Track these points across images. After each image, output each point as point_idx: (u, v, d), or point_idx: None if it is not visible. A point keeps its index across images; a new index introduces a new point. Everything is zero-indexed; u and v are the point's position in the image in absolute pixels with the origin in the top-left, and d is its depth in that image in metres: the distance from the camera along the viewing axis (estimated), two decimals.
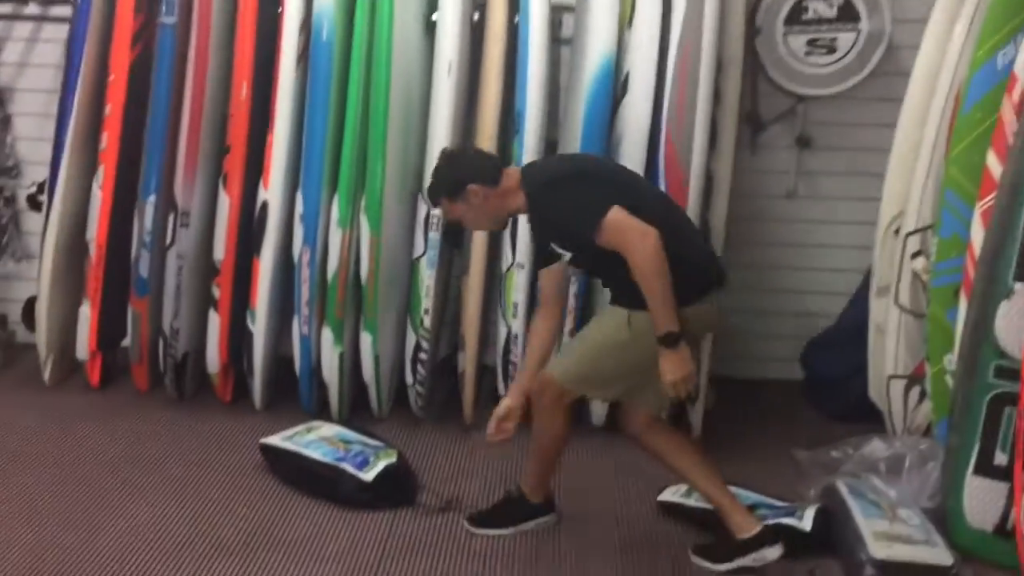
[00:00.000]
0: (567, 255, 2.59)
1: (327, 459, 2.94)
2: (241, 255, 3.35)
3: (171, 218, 3.38)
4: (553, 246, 2.59)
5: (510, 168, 2.70)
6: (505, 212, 2.65)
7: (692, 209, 3.11)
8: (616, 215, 2.40)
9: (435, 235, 3.27)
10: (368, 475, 2.87)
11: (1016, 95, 2.65)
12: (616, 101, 3.21)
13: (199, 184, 3.39)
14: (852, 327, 3.68)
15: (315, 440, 3.04)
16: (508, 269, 3.27)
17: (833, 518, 2.71)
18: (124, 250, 3.48)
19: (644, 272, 2.37)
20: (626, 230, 2.39)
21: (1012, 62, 2.71)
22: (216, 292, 3.38)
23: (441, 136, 3.24)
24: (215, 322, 3.40)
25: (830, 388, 3.69)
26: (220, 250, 3.35)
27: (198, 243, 3.43)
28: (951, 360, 2.92)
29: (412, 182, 3.39)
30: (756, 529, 2.58)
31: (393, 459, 2.92)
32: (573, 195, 2.50)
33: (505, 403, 2.75)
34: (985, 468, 2.61)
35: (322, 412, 3.48)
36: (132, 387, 3.65)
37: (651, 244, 2.36)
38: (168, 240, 3.39)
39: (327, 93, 3.22)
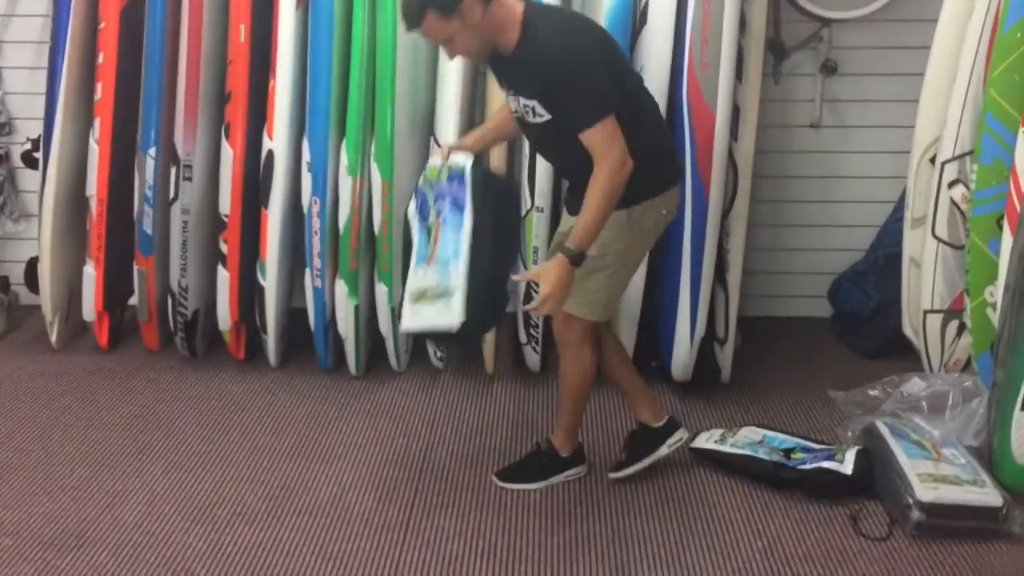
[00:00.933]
0: (522, 102, 2.36)
1: None
2: (248, 208, 3.22)
3: (173, 171, 3.24)
4: (526, 100, 2.35)
5: None
6: (493, 43, 2.34)
7: (719, 144, 2.96)
8: (611, 126, 2.29)
9: None
10: None
11: None
12: (635, 33, 3.05)
13: (200, 135, 3.25)
14: (882, 260, 3.58)
15: None
16: (527, 213, 3.14)
17: (875, 460, 2.62)
18: (126, 206, 3.36)
19: (603, 192, 2.30)
20: (613, 148, 2.29)
21: None
22: (224, 247, 3.26)
23: (452, 76, 3.10)
24: (224, 278, 3.28)
25: (860, 325, 3.59)
26: (226, 203, 3.22)
27: (203, 196, 3.29)
28: (992, 292, 2.82)
29: (423, 125, 3.25)
30: (665, 418, 2.71)
31: None
32: (585, 73, 2.29)
33: (455, 142, 2.72)
34: None
35: (339, 366, 3.40)
36: (142, 347, 3.56)
37: (625, 173, 2.30)
38: (171, 194, 3.26)
39: (330, 33, 3.06)
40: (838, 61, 3.59)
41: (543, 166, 3.08)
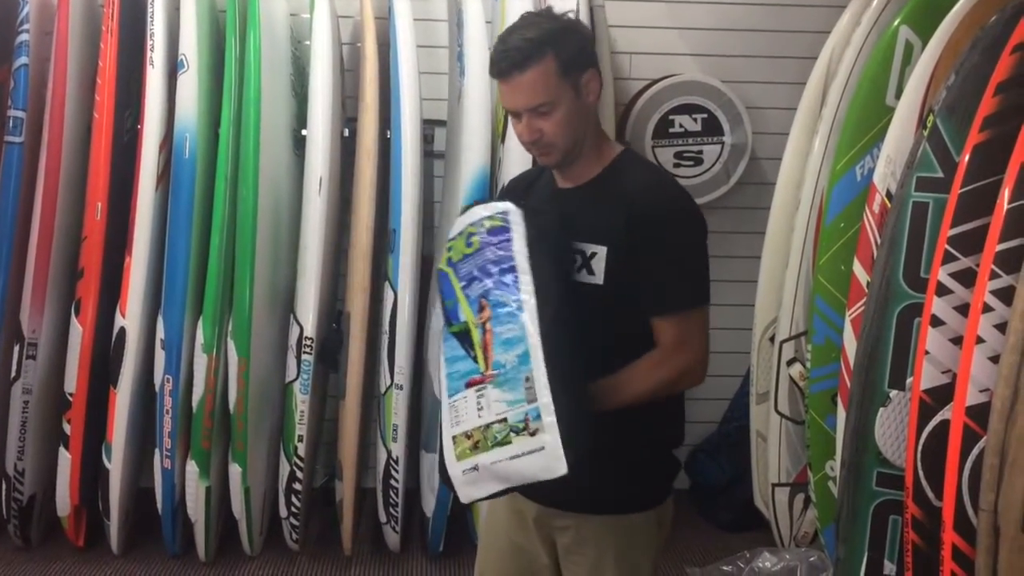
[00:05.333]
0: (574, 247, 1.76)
1: None
2: (95, 386, 3.10)
3: (16, 349, 3.11)
4: (586, 246, 1.77)
5: None
6: (578, 148, 1.80)
7: None
8: (704, 318, 1.82)
9: (309, 358, 3.12)
10: None
11: (876, 206, 2.75)
12: None
13: (48, 312, 3.14)
14: (734, 433, 3.70)
15: None
16: (386, 390, 3.14)
17: None
18: None
19: (661, 382, 1.78)
20: (701, 344, 1.80)
21: (870, 174, 2.82)
22: (67, 427, 3.11)
23: (313, 254, 3.13)
24: (66, 460, 3.12)
25: (717, 496, 3.67)
26: (71, 382, 3.09)
27: (47, 375, 3.16)
28: (832, 466, 2.94)
29: (283, 303, 3.25)
30: None
31: None
32: (697, 244, 1.83)
33: None
34: None
35: (188, 551, 3.23)
36: None
37: (692, 383, 1.82)
38: (13, 373, 3.12)
39: (190, 212, 3.07)
40: None
41: (404, 339, 3.10)
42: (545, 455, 1.61)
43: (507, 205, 1.77)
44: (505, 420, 1.64)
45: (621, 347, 1.79)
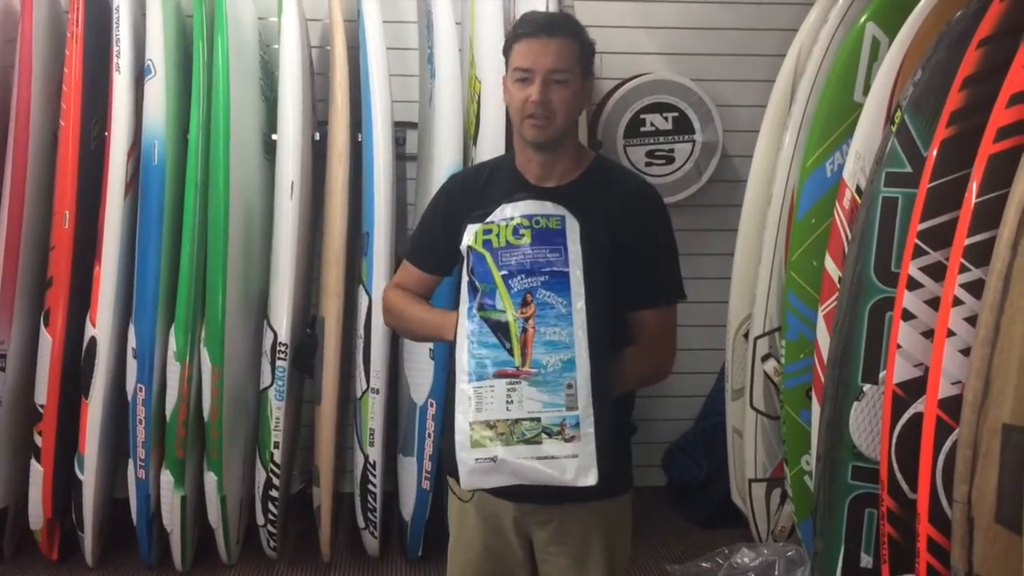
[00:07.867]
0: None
1: None
2: (67, 397, 3.06)
3: None
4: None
5: None
6: (569, 133, 1.91)
7: None
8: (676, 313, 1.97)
9: (283, 364, 3.09)
10: None
11: (846, 202, 2.77)
12: None
13: (17, 322, 3.10)
14: (710, 430, 3.72)
15: None
16: (362, 395, 3.12)
17: None
18: None
19: (645, 379, 1.98)
20: (675, 342, 1.98)
21: (840, 170, 2.84)
22: (38, 439, 3.07)
23: (286, 259, 3.11)
24: (38, 472, 3.07)
25: (694, 493, 3.69)
26: (42, 394, 3.05)
27: (17, 387, 3.11)
28: (808, 461, 2.96)
29: (256, 309, 3.23)
30: None
31: None
32: (675, 244, 1.98)
33: None
34: (852, 571, 2.61)
35: (164, 562, 3.20)
36: None
37: (670, 370, 2.01)
38: None
39: (160, 219, 3.04)
40: None
41: (380, 343, 3.08)
42: (578, 463, 1.68)
43: (564, 211, 1.82)
44: (538, 420, 1.69)
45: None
